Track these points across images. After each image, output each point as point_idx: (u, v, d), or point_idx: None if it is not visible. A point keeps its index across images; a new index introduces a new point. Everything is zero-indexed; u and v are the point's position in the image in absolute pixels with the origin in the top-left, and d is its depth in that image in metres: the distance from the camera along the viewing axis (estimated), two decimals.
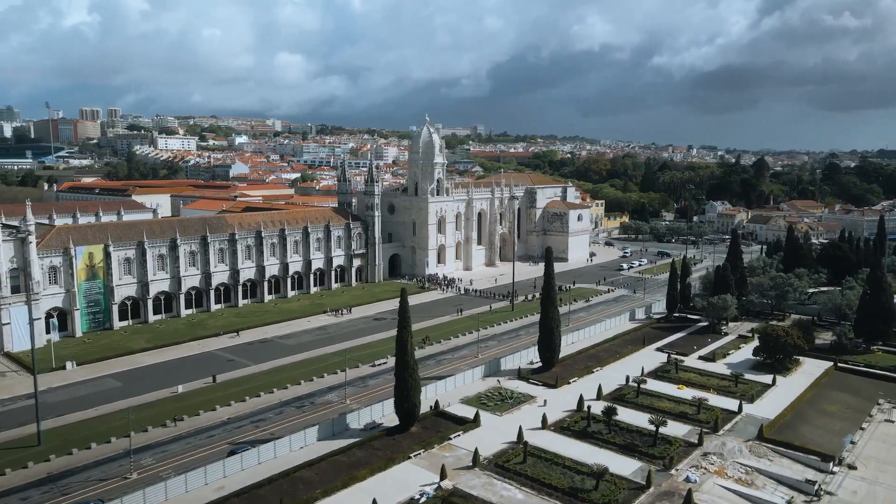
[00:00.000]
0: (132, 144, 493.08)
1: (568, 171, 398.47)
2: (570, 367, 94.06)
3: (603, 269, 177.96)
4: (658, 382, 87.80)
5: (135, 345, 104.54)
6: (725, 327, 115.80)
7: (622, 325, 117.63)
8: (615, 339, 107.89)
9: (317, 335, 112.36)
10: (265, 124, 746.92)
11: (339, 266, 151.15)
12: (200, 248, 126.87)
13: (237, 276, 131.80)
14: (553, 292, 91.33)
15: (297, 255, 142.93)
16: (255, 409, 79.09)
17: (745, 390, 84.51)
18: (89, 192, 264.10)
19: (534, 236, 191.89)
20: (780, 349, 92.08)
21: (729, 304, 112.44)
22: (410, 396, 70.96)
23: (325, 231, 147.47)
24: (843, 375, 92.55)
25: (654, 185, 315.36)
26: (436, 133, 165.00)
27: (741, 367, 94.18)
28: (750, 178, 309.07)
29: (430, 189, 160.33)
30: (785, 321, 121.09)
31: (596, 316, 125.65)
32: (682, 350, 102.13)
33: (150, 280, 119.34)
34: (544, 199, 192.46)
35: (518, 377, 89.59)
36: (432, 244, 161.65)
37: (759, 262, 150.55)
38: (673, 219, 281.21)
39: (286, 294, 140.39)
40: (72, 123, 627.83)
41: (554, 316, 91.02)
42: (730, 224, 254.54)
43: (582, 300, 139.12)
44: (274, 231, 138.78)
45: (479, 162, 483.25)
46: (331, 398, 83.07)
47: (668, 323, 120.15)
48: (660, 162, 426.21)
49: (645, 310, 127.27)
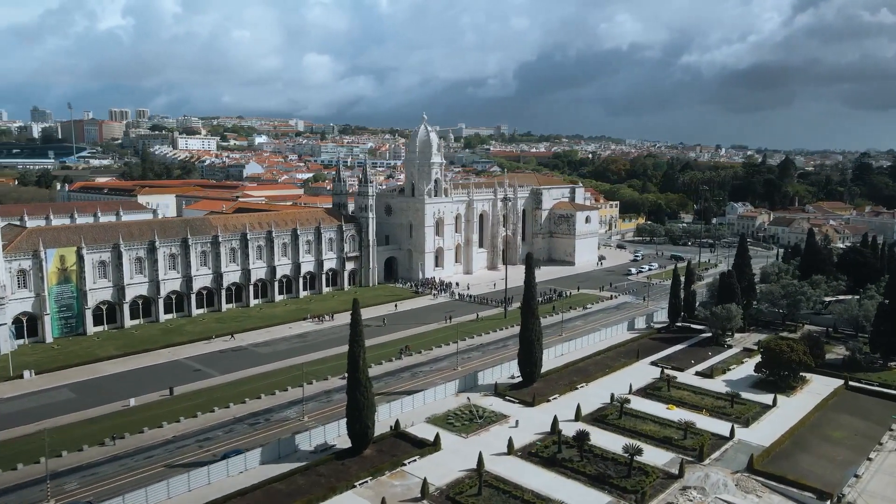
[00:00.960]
0: (151, 144, 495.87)
1: (587, 171, 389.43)
2: (554, 382, 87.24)
3: (610, 274, 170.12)
4: (646, 401, 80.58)
5: (103, 352, 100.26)
6: (730, 339, 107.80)
7: (619, 336, 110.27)
8: (608, 352, 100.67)
9: (294, 343, 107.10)
10: (287, 124, 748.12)
11: (330, 269, 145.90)
12: (181, 250, 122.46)
13: (220, 280, 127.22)
14: (533, 302, 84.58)
15: (285, 258, 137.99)
16: (204, 426, 73.82)
17: (741, 412, 76.95)
18: (98, 192, 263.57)
19: (539, 238, 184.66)
20: (784, 366, 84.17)
21: (733, 315, 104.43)
22: (362, 417, 65.02)
23: (316, 233, 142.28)
24: (854, 396, 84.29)
25: (674, 186, 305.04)
26: (433, 132, 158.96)
27: (741, 384, 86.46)
28: (774, 179, 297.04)
29: (426, 190, 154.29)
30: (797, 332, 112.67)
31: (592, 325, 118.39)
32: (678, 364, 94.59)
33: (127, 284, 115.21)
34: (551, 200, 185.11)
35: (494, 393, 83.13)
36: (429, 247, 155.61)
37: (774, 268, 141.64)
38: (692, 220, 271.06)
39: (273, 298, 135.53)
40: (97, 124, 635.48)
41: (535, 327, 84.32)
42: (750, 226, 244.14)
43: (581, 307, 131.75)
44: (260, 233, 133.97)
45: (499, 162, 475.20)
46: (289, 414, 77.54)
47: (670, 333, 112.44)
48: (683, 162, 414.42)
49: (646, 319, 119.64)
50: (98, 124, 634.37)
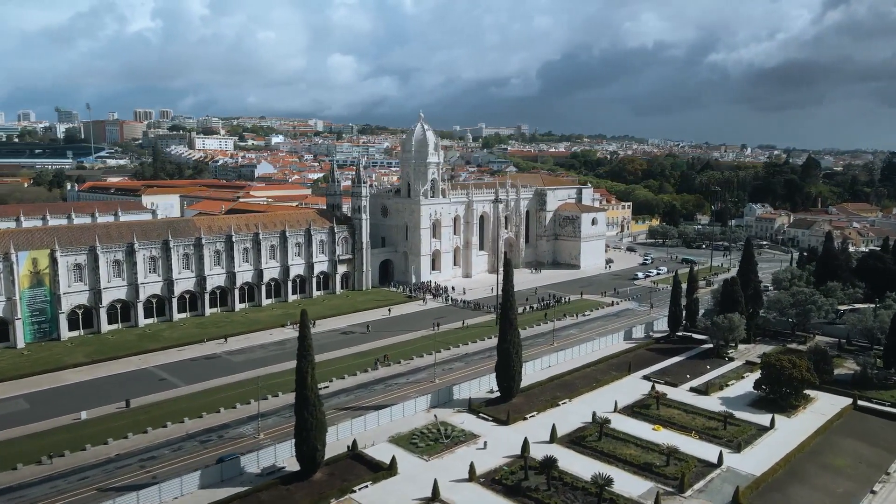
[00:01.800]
0: (168, 144, 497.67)
1: (603, 171, 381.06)
2: (535, 397, 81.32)
3: (616, 278, 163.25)
4: (631, 421, 74.34)
5: (71, 359, 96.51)
6: (733, 351, 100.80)
7: (614, 346, 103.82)
8: (599, 364, 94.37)
9: (271, 351, 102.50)
10: (307, 124, 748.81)
11: (321, 273, 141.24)
12: (162, 253, 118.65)
13: (204, 284, 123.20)
14: (511, 311, 78.73)
15: (273, 261, 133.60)
16: (152, 443, 69.26)
17: (733, 434, 70.38)
18: (106, 192, 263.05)
19: (543, 241, 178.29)
20: (785, 383, 77.28)
21: (736, 325, 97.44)
22: (311, 438, 59.92)
23: (306, 235, 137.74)
24: (862, 417, 77.14)
25: (692, 187, 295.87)
26: (430, 131, 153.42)
27: (738, 403, 79.75)
28: (795, 179, 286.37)
29: (422, 190, 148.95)
30: (807, 344, 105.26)
31: (588, 333, 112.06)
32: (672, 379, 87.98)
33: (104, 288, 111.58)
34: (556, 201, 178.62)
35: (468, 409, 77.48)
36: (425, 249, 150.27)
37: (787, 274, 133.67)
38: (708, 222, 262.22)
39: (260, 303, 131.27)
40: (118, 124, 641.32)
41: (513, 339, 78.52)
42: (769, 228, 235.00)
43: (579, 314, 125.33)
44: (247, 235, 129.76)
45: (515, 162, 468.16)
46: (245, 431, 72.73)
47: (669, 344, 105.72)
48: (703, 162, 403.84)
49: (645, 327, 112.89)
50: (119, 125, 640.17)
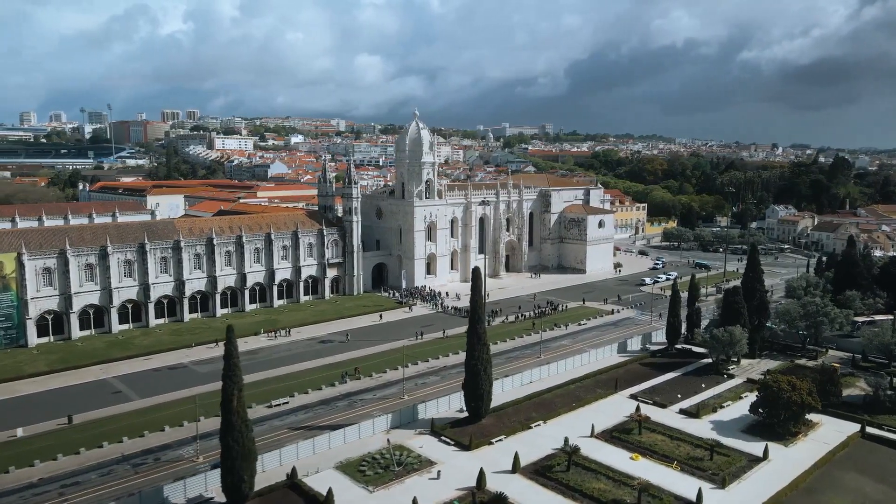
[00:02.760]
0: (187, 144, 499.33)
1: (623, 171, 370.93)
2: (506, 418, 74.67)
3: (622, 284, 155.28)
4: (608, 448, 67.29)
5: (31, 368, 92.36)
6: (734, 367, 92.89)
7: (605, 360, 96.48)
8: (585, 379, 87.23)
9: (242, 361, 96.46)
10: (329, 124, 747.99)
11: (310, 277, 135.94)
12: (138, 256, 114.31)
13: (182, 288, 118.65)
14: (480, 325, 72.21)
15: (258, 265, 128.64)
16: (81, 465, 64.13)
17: (720, 466, 62.96)
18: (114, 192, 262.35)
19: (548, 244, 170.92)
20: (783, 407, 69.46)
21: (737, 339, 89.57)
22: (236, 468, 54.14)
23: (293, 238, 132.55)
24: (870, 447, 69.02)
25: (713, 187, 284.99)
26: (425, 129, 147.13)
27: (730, 428, 72.19)
28: (822, 179, 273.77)
29: (416, 191, 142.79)
30: (819, 359, 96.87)
31: (580, 345, 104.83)
32: (662, 399, 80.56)
33: (75, 292, 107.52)
34: (561, 202, 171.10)
35: (431, 431, 71.10)
36: (419, 253, 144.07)
37: (801, 282, 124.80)
38: (728, 224, 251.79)
39: (244, 308, 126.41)
40: (142, 125, 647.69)
41: (481, 355, 72.01)
42: (791, 231, 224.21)
43: (575, 323, 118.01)
44: (230, 238, 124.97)
45: (534, 161, 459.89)
46: (185, 453, 67.23)
47: (665, 358, 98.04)
48: (728, 161, 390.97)
49: (642, 339, 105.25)
50: (143, 125, 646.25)
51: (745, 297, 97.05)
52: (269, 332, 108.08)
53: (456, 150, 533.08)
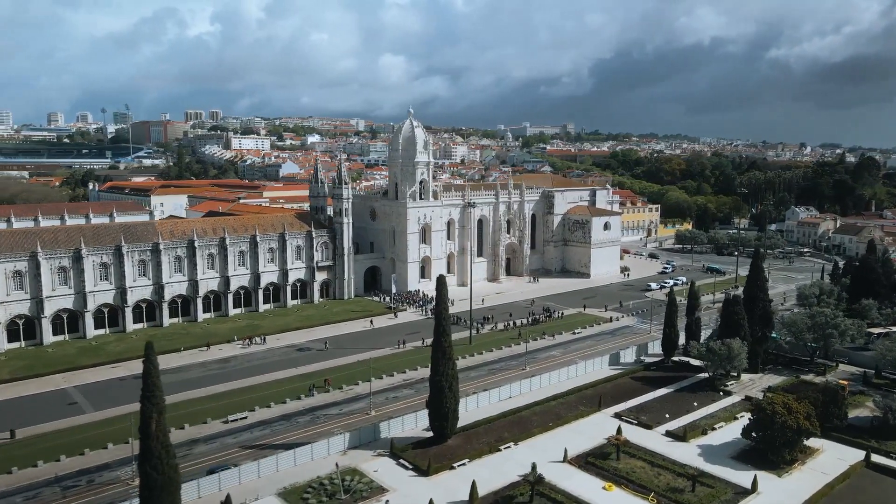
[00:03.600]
0: (203, 144, 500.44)
1: (641, 171, 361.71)
2: (476, 438, 68.96)
3: (627, 289, 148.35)
4: (581, 475, 61.23)
5: None
6: (733, 383, 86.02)
7: (595, 373, 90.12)
8: (569, 395, 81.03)
9: (211, 370, 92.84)
10: (348, 124, 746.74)
11: (298, 280, 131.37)
12: (114, 259, 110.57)
13: (161, 292, 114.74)
14: (445, 339, 66.60)
15: (242, 268, 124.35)
16: (10, 486, 59.85)
17: (702, 500, 56.62)
18: (121, 191, 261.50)
19: (551, 247, 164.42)
20: (778, 432, 62.78)
21: (736, 353, 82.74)
22: (154, 500, 49.17)
23: (280, 240, 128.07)
24: (875, 477, 62.06)
25: (731, 188, 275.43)
26: (419, 127, 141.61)
27: (719, 454, 65.65)
28: (847, 180, 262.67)
29: (409, 192, 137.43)
30: (828, 374, 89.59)
31: (571, 356, 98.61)
32: (648, 418, 74.20)
33: (47, 296, 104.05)
34: (565, 203, 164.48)
35: (390, 452, 65.67)
36: (412, 256, 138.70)
37: (814, 289, 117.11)
38: (746, 226, 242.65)
39: (227, 312, 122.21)
40: (162, 125, 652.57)
41: (446, 371, 66.43)
42: (812, 234, 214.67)
43: (568, 332, 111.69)
44: (212, 240, 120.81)
45: (551, 161, 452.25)
46: (122, 474, 62.51)
47: (660, 371, 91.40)
48: (751, 161, 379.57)
49: (637, 350, 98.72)
50: (163, 125, 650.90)
51: (747, 306, 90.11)
52: (243, 340, 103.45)
53: (473, 150, 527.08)
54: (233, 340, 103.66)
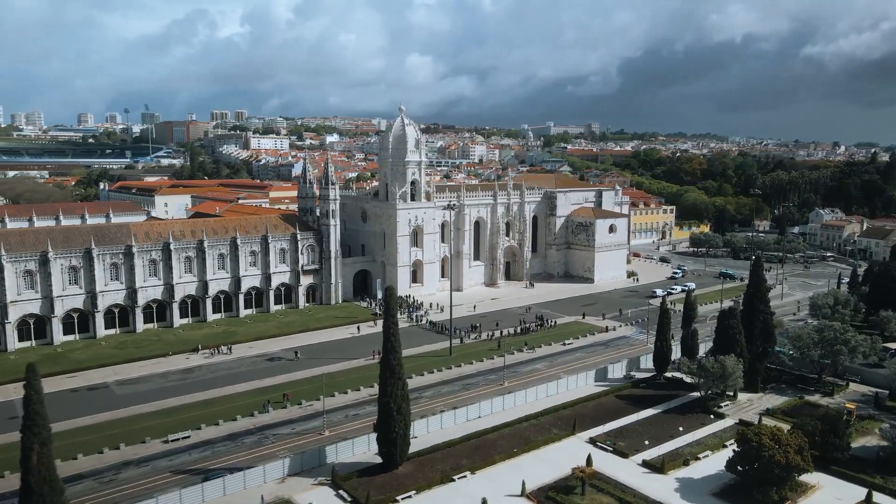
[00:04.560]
0: (220, 144, 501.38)
1: (661, 170, 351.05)
2: (430, 465, 62.55)
3: (631, 295, 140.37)
4: None
5: None
6: (728, 404, 78.34)
7: (578, 390, 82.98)
8: (543, 416, 74.12)
9: (171, 381, 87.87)
10: (370, 124, 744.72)
11: (282, 285, 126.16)
12: (84, 262, 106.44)
13: (135, 297, 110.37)
14: (394, 356, 60.36)
15: (222, 272, 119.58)
16: None
17: None
18: (127, 191, 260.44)
19: (553, 251, 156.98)
20: (765, 468, 55.25)
21: (729, 371, 75.05)
22: None
23: (262, 243, 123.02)
24: None
25: (753, 188, 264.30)
26: (411, 125, 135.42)
27: (699, 489, 58.37)
28: (875, 180, 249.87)
29: (399, 193, 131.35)
30: (836, 395, 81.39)
31: (557, 370, 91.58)
32: (627, 445, 67.00)
33: (11, 301, 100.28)
34: (568, 205, 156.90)
35: (331, 481, 59.58)
36: (403, 259, 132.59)
37: (828, 299, 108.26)
38: (767, 229, 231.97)
39: (205, 317, 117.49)
40: (185, 125, 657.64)
41: (395, 391, 60.19)
42: (836, 237, 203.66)
43: (558, 343, 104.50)
44: (190, 243, 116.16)
45: (571, 160, 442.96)
46: None
47: (650, 389, 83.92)
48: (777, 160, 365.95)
49: (627, 365, 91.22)
50: (186, 125, 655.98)
51: (746, 318, 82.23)
52: (209, 349, 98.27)
53: (492, 150, 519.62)
54: (198, 350, 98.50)
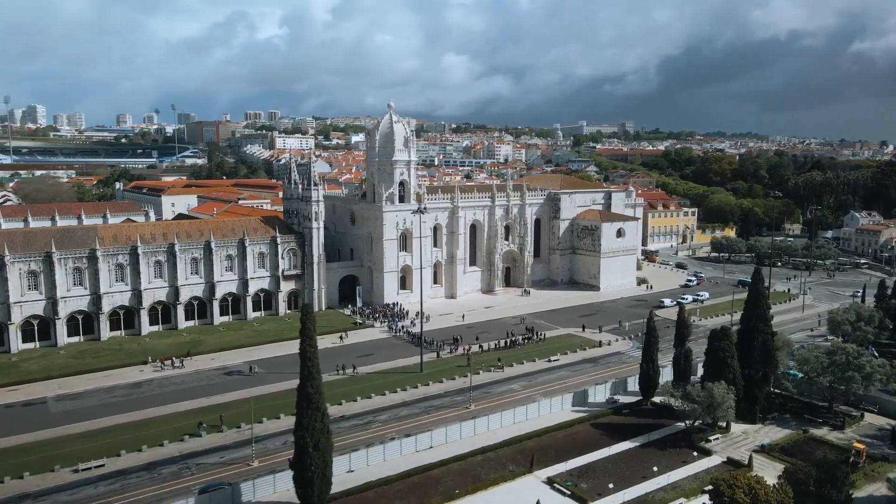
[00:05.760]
0: (244, 144, 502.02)
1: (690, 171, 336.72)
2: None
3: (638, 305, 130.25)
4: None
5: None
6: (719, 437, 68.61)
7: (551, 416, 74.11)
8: (503, 448, 65.53)
9: (115, 397, 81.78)
10: None
11: (261, 290, 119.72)
12: (44, 266, 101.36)
13: (99, 303, 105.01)
14: (311, 383, 52.62)
15: (196, 277, 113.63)
16: None
17: None
18: (139, 191, 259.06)
19: (557, 256, 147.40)
20: None
21: (718, 401, 65.44)
22: None
23: (239, 247, 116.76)
24: None
25: (785, 189, 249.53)
26: (399, 123, 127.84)
27: None
28: None
29: (386, 194, 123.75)
30: (848, 428, 71.10)
31: (532, 392, 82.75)
32: (588, 487, 58.05)
33: None
34: (573, 207, 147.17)
35: None
36: (390, 265, 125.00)
37: (849, 314, 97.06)
38: (798, 233, 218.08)
39: (177, 325, 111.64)
40: (214, 126, 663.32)
41: (312, 424, 52.45)
42: (872, 243, 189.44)
43: (543, 359, 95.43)
44: (160, 246, 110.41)
45: (598, 160, 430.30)
46: None
47: (632, 416, 74.55)
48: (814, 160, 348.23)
49: (612, 387, 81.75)
50: (216, 126, 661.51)
51: (743, 339, 72.36)
52: (161, 361, 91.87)
53: (518, 150, 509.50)
54: (148, 361, 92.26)
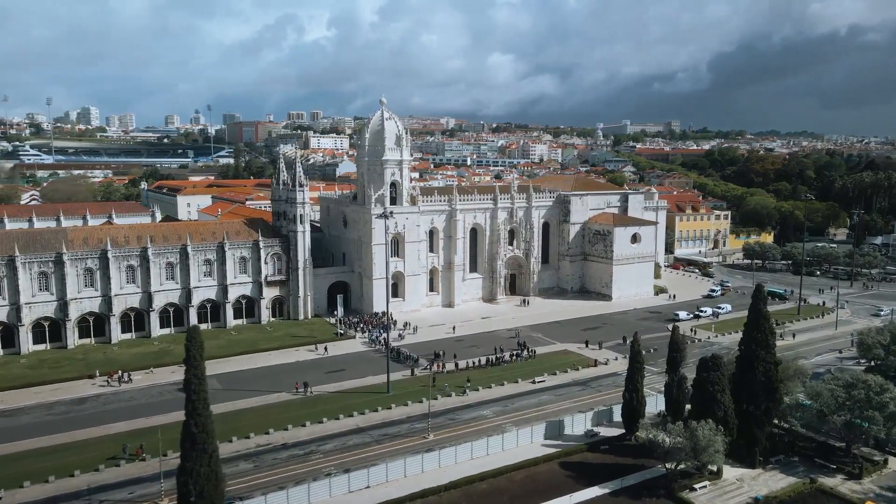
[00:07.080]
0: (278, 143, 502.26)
1: (731, 171, 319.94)
2: None
3: (650, 317, 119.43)
4: None
5: None
6: (707, 485, 58.23)
7: (516, 451, 64.77)
8: (448, 491, 56.66)
9: (54, 414, 76.22)
10: (438, 123, 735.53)
11: (242, 297, 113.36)
12: (7, 271, 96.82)
13: (66, 309, 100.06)
14: (199, 420, 44.90)
15: (171, 282, 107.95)
16: None
17: None
18: (159, 190, 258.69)
19: (567, 262, 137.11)
20: None
21: (703, 445, 55.22)
22: None
23: (218, 251, 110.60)
24: None
25: (831, 192, 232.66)
26: (391, 120, 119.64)
27: None
28: None
29: (375, 196, 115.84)
30: (867, 477, 59.88)
31: (504, 420, 73.58)
32: None
33: None
34: (585, 210, 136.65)
35: None
36: (379, 271, 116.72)
37: (882, 336, 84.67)
38: (844, 239, 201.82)
39: (150, 333, 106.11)
40: (253, 126, 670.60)
41: (196, 468, 44.71)
42: None
43: (527, 380, 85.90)
44: (132, 250, 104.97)
45: (636, 161, 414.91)
46: None
47: (610, 455, 64.61)
48: (868, 160, 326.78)
49: (594, 417, 71.79)
50: (255, 126, 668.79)
51: (742, 369, 61.82)
52: (108, 376, 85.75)
53: (554, 149, 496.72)
54: (95, 376, 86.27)
